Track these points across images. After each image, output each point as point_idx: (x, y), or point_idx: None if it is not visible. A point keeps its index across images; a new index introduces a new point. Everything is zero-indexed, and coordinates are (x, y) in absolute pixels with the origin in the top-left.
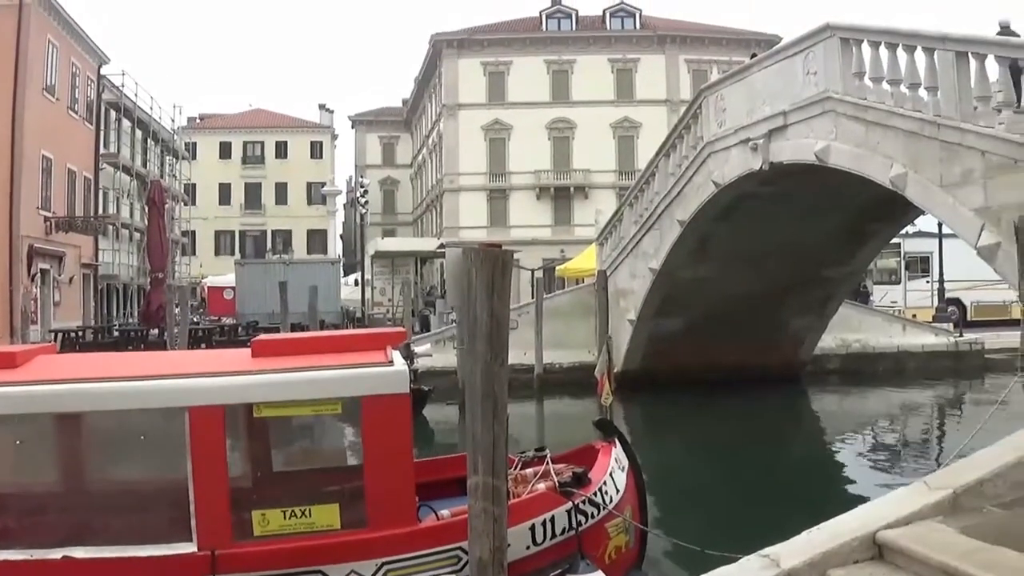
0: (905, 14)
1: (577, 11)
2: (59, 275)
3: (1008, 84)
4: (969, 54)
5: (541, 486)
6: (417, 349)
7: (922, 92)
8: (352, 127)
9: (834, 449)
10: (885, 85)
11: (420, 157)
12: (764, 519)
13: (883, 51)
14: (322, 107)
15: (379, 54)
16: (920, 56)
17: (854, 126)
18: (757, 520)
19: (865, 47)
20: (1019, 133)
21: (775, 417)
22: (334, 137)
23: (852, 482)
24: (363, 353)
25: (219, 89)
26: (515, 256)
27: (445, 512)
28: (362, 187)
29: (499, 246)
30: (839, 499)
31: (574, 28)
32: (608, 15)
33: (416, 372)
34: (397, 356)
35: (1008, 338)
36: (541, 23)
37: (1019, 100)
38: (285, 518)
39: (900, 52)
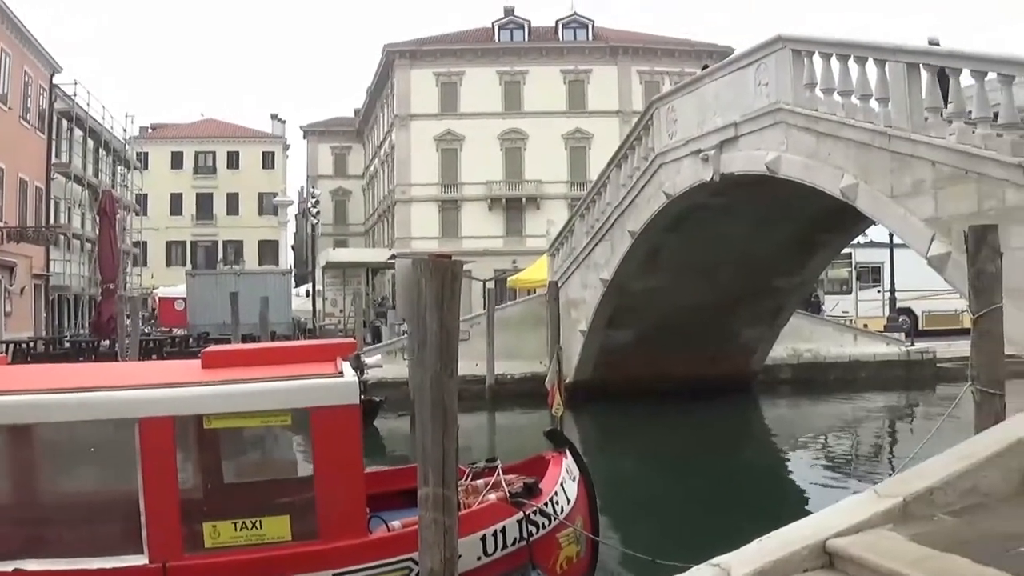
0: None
1: (530, 22)
2: (10, 285)
3: (959, 94)
4: (920, 66)
5: (492, 497)
6: (367, 360)
7: (873, 103)
8: (304, 137)
9: (785, 458)
10: (836, 96)
11: (372, 168)
12: (715, 528)
13: (835, 62)
14: (274, 117)
15: (331, 64)
16: (872, 67)
17: (805, 137)
18: (708, 529)
19: (817, 58)
20: (970, 144)
21: (726, 427)
22: (286, 147)
23: (803, 491)
24: (313, 364)
25: (171, 99)
26: (467, 267)
27: (396, 523)
28: (313, 197)
29: (449, 257)
30: (790, 508)
31: (526, 39)
32: (560, 26)
33: (366, 383)
34: (347, 367)
35: (960, 347)
36: (493, 34)
37: (945, 106)
38: (236, 530)
39: (852, 63)
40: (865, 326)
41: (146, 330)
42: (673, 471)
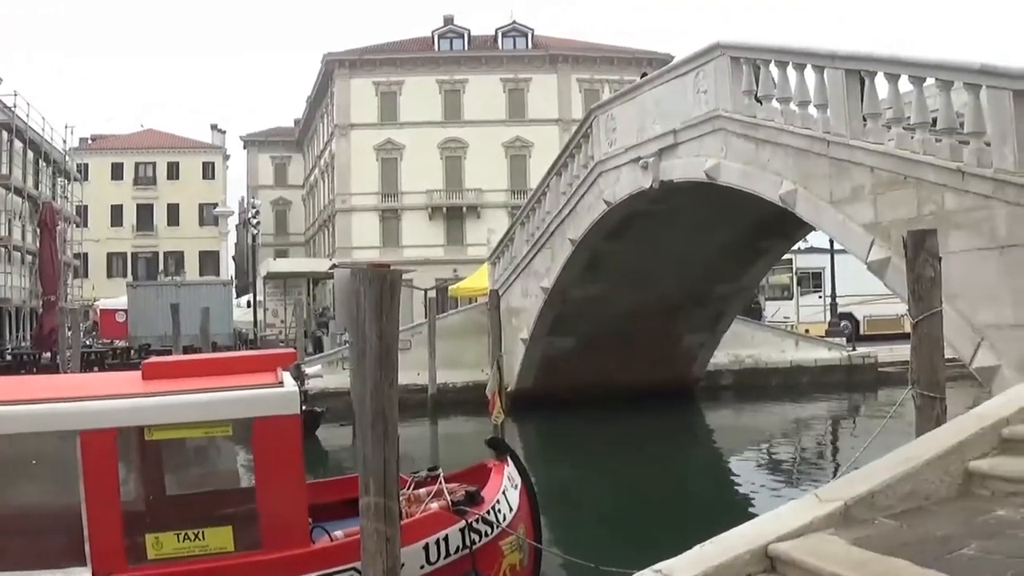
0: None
1: (469, 31)
2: None
3: (898, 100)
4: (860, 71)
5: (434, 505)
6: (308, 370)
7: (812, 109)
8: (244, 148)
9: (728, 463)
10: (775, 103)
11: (312, 177)
12: (658, 534)
13: (773, 69)
14: (214, 128)
15: (272, 74)
16: (810, 74)
17: (744, 144)
18: (651, 535)
19: (755, 65)
20: (909, 149)
21: (669, 433)
22: (226, 158)
23: (746, 496)
24: (253, 375)
25: (110, 110)
26: (408, 276)
27: (339, 533)
28: (254, 208)
29: (388, 266)
30: (733, 513)
31: (466, 48)
32: (500, 35)
33: (307, 393)
34: (287, 377)
35: (901, 351)
36: (433, 43)
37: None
38: (179, 541)
39: (790, 70)
40: (807, 331)
41: (87, 342)
42: (615, 478)
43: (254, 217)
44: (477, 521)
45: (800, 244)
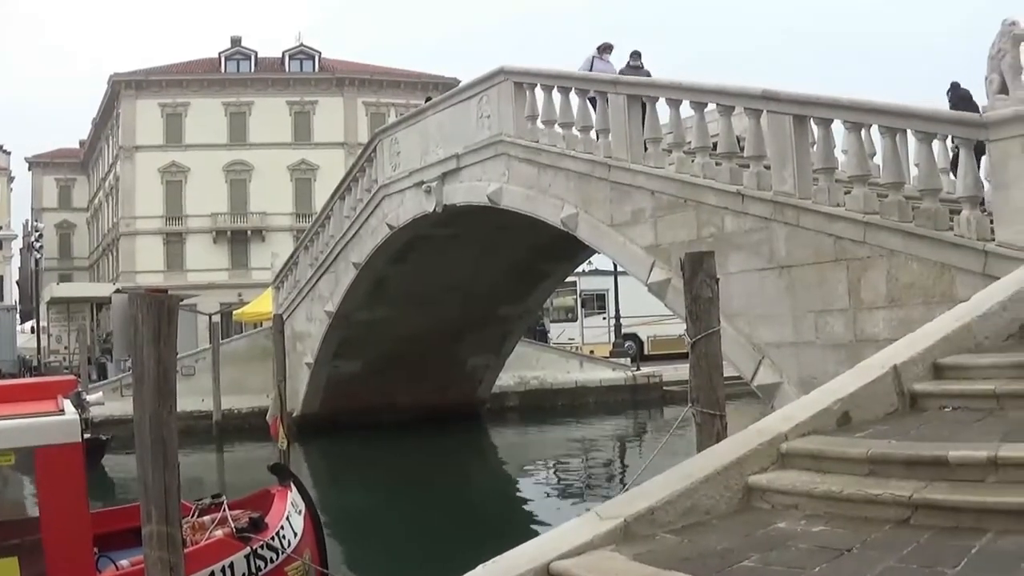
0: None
1: (256, 53)
2: None
3: (679, 125)
4: (641, 97)
5: (218, 532)
6: (89, 397)
7: (593, 135)
8: (29, 169)
9: (515, 483)
10: (558, 128)
11: (97, 200)
12: (444, 554)
13: (556, 95)
14: None
15: (59, 93)
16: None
17: (526, 168)
18: (437, 556)
19: (538, 91)
20: (688, 173)
21: (455, 455)
22: (10, 179)
23: (532, 514)
24: (33, 403)
25: None
26: (192, 301)
27: (124, 562)
28: (37, 231)
29: (165, 291)
30: (518, 531)
31: (253, 70)
32: (287, 57)
33: (90, 421)
34: (68, 405)
35: (685, 370)
36: (220, 65)
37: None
38: None
39: (572, 96)
40: (591, 352)
41: None
42: (402, 500)
43: (37, 240)
44: (262, 547)
45: (584, 266)
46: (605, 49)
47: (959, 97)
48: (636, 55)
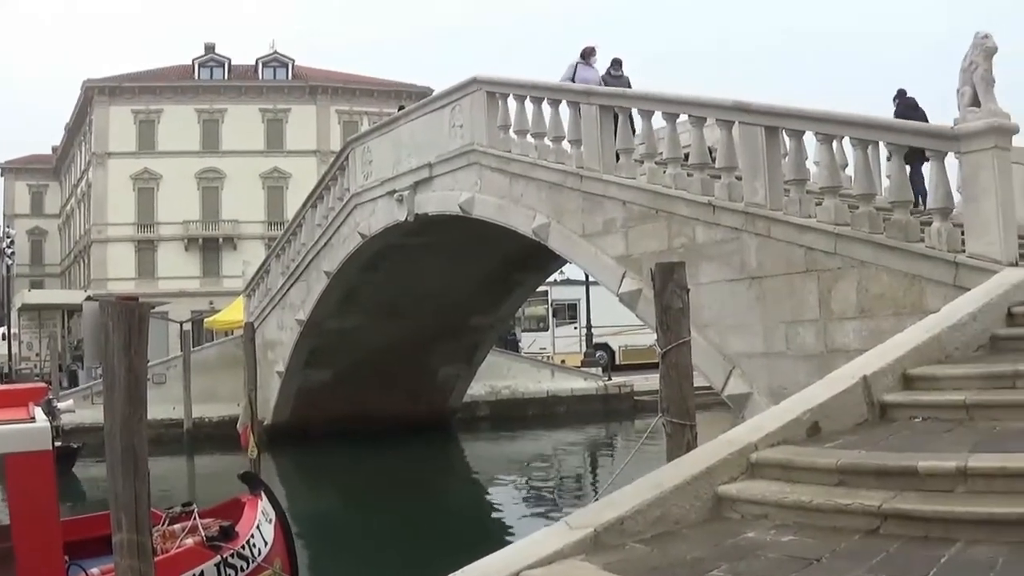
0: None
1: (230, 60)
2: None
3: (651, 136)
4: (614, 107)
5: (189, 541)
6: (60, 405)
7: (566, 145)
8: (1, 174)
9: (485, 493)
10: (530, 138)
11: (69, 206)
12: (415, 563)
13: (528, 105)
14: None
15: (31, 98)
16: (565, 110)
17: (498, 178)
18: (408, 565)
19: (511, 101)
20: (660, 183)
21: (426, 464)
22: None
23: (502, 524)
24: (4, 410)
25: None
26: (163, 308)
27: (95, 570)
28: (9, 237)
29: (136, 299)
30: (488, 541)
31: (226, 77)
32: (261, 65)
33: (61, 429)
34: (39, 412)
35: (656, 380)
36: (193, 71)
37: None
38: None
39: (545, 106)
40: (563, 362)
41: None
42: (373, 509)
43: (9, 247)
44: (232, 556)
45: (556, 276)
46: (589, 53)
47: (906, 105)
48: (617, 63)
